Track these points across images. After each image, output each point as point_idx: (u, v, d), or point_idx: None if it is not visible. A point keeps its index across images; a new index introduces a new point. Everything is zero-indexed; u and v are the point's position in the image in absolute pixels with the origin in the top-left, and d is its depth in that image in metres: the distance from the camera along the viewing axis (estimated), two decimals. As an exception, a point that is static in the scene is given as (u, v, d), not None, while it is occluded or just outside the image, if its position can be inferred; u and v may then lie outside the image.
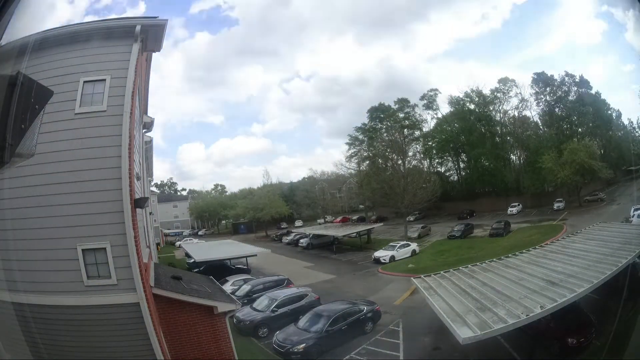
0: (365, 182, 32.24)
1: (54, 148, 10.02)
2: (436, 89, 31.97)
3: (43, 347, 9.50)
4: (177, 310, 11.76)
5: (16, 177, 9.52)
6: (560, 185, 26.18)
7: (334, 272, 23.05)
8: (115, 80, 11.10)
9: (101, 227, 10.31)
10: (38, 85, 3.74)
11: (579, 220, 22.58)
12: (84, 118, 10.79)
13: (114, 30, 11.64)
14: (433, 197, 27.35)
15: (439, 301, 13.19)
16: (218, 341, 12.06)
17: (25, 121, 3.61)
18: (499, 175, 30.43)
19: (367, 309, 15.57)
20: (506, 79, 29.97)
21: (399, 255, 23.45)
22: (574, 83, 27.90)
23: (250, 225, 35.69)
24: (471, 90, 30.84)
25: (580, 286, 11.64)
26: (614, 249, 13.75)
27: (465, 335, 10.54)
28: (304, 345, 13.98)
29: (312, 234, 30.03)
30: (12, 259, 9.71)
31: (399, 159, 30.42)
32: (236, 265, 23.47)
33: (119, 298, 10.16)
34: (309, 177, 36.20)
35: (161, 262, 20.83)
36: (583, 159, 24.30)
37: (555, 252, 15.93)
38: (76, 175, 10.35)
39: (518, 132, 30.81)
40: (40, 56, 10.38)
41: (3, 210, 9.81)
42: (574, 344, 11.77)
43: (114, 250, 10.26)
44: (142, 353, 10.09)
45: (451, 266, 16.90)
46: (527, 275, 13.69)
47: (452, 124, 32.81)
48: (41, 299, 9.79)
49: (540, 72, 28.62)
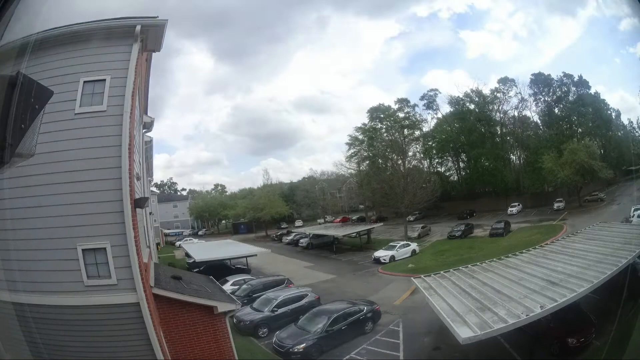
0: (365, 182, 32.23)
1: (54, 148, 10.01)
2: (436, 89, 31.98)
3: (43, 347, 9.50)
4: (177, 310, 11.75)
5: (16, 177, 9.51)
6: (560, 185, 26.17)
7: (334, 272, 23.03)
8: (115, 80, 11.10)
9: (101, 227, 10.32)
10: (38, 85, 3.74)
11: (579, 220, 22.59)
12: (84, 118, 10.79)
13: (114, 30, 11.62)
14: (433, 197, 27.30)
15: (439, 301, 13.20)
16: (218, 341, 12.06)
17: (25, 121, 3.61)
18: (499, 175, 30.41)
19: (367, 309, 15.57)
20: (506, 78, 29.98)
21: (399, 255, 23.43)
22: (573, 83, 27.89)
23: (250, 225, 35.69)
24: (471, 90, 30.87)
25: (580, 286, 11.66)
26: (614, 249, 13.75)
27: (465, 335, 10.56)
28: (304, 345, 13.98)
29: (312, 234, 30.02)
30: (12, 259, 9.71)
31: (399, 159, 30.42)
32: (236, 265, 23.47)
33: (119, 298, 10.17)
34: (309, 177, 36.25)
35: (161, 262, 20.82)
36: (583, 159, 24.25)
37: (556, 252, 15.94)
38: (76, 175, 10.35)
39: (518, 132, 30.81)
40: (40, 56, 10.35)
41: (3, 210, 9.80)
42: (574, 344, 11.77)
43: (114, 250, 10.27)
44: (142, 353, 10.09)
45: (451, 266, 16.92)
46: (527, 275, 13.70)
47: (452, 124, 32.78)
48: (41, 299, 9.79)
49: (539, 72, 28.66)
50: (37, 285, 9.87)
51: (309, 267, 24.89)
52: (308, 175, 36.29)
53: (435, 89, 31.89)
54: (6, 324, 9.41)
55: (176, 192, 39.20)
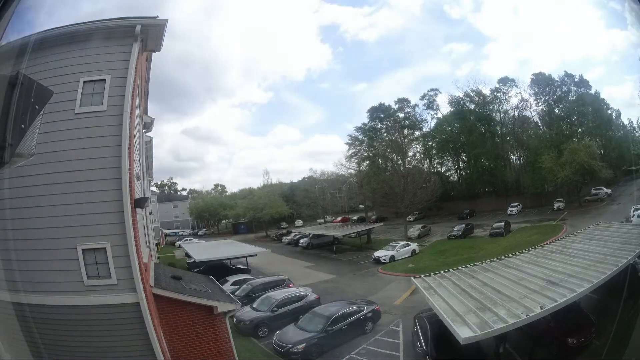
0: (365, 182, 32.23)
1: (54, 148, 10.03)
2: (436, 89, 31.97)
3: (43, 347, 9.50)
4: (177, 310, 11.76)
5: (16, 177, 9.53)
6: (560, 185, 26.17)
7: (334, 272, 23.00)
8: (115, 80, 11.11)
9: (101, 227, 10.32)
10: (38, 85, 3.73)
11: (579, 220, 22.59)
12: (84, 118, 10.80)
13: (114, 30, 11.63)
14: (433, 197, 27.28)
15: (439, 301, 13.17)
16: (218, 341, 12.07)
17: (25, 121, 3.61)
18: (499, 175, 30.41)
19: (367, 309, 15.56)
20: (506, 78, 29.98)
21: (399, 255, 23.40)
22: (574, 83, 27.88)
23: (250, 225, 35.68)
24: (471, 90, 30.87)
25: (580, 286, 11.64)
26: (614, 249, 13.74)
27: (465, 335, 10.53)
28: (304, 345, 13.98)
29: (312, 234, 29.99)
30: (12, 259, 9.71)
31: (399, 159, 30.40)
32: (236, 265, 23.47)
33: (119, 298, 10.17)
34: (309, 177, 36.21)
35: (161, 262, 20.82)
36: (583, 159, 24.27)
37: (556, 252, 15.92)
38: (76, 175, 10.36)
39: (518, 132, 30.81)
40: (40, 56, 10.37)
41: (3, 210, 9.80)
42: (574, 344, 11.77)
43: (114, 250, 10.27)
44: (142, 353, 10.10)
45: (451, 266, 16.86)
46: (527, 275, 13.68)
47: (452, 124, 32.78)
48: (41, 299, 9.80)
49: (539, 72, 28.65)
50: (37, 285, 9.86)
51: (309, 267, 24.86)
52: (308, 175, 36.34)
53: (435, 88, 31.94)
54: (6, 324, 9.41)
55: (176, 192, 39.21)
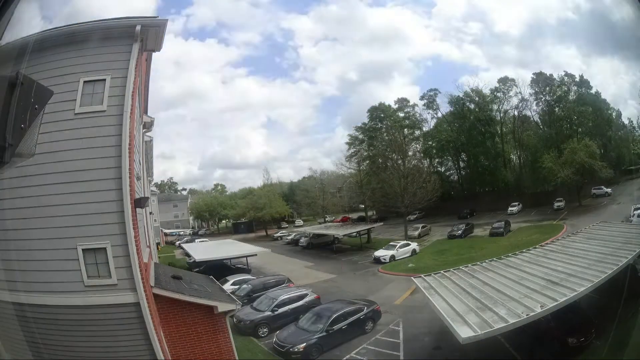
0: (365, 181, 32.24)
1: (54, 148, 10.01)
2: (436, 89, 31.99)
3: (43, 347, 9.51)
4: (177, 310, 11.76)
5: (16, 177, 9.52)
6: (560, 185, 26.17)
7: (334, 272, 23.03)
8: (115, 80, 11.09)
9: (101, 227, 10.31)
10: (38, 85, 3.72)
11: (579, 220, 22.59)
12: (84, 118, 10.77)
13: (113, 30, 11.60)
14: (433, 197, 27.28)
15: (439, 301, 13.16)
16: (218, 341, 12.07)
17: (25, 121, 3.60)
18: (499, 175, 30.44)
19: (367, 309, 15.57)
20: (506, 78, 29.99)
21: (399, 255, 23.43)
22: (574, 83, 27.88)
23: (250, 225, 35.70)
24: (471, 90, 30.86)
25: (580, 285, 11.63)
26: (614, 249, 13.73)
27: (465, 335, 10.53)
28: (304, 345, 13.99)
29: (312, 234, 30.05)
30: (12, 259, 9.71)
31: (399, 158, 30.38)
32: (236, 265, 23.49)
33: (119, 298, 10.16)
34: (309, 177, 36.23)
35: (161, 262, 20.83)
36: (583, 158, 24.30)
37: (556, 251, 15.92)
38: (76, 175, 10.34)
39: (518, 132, 30.81)
40: (40, 56, 10.36)
41: (3, 210, 9.80)
42: (574, 344, 11.77)
43: (114, 250, 10.26)
44: (142, 353, 10.09)
45: (451, 265, 16.87)
46: (527, 275, 13.68)
47: (452, 123, 32.79)
48: (41, 299, 9.79)
49: (539, 72, 28.64)
50: (37, 285, 9.86)
51: (309, 266, 24.88)
52: (308, 175, 36.35)
53: (435, 88, 31.95)
54: (6, 324, 9.41)
55: (176, 192, 39.23)
